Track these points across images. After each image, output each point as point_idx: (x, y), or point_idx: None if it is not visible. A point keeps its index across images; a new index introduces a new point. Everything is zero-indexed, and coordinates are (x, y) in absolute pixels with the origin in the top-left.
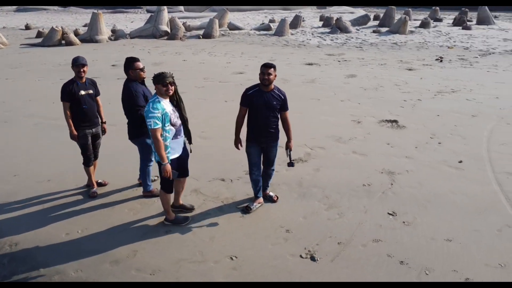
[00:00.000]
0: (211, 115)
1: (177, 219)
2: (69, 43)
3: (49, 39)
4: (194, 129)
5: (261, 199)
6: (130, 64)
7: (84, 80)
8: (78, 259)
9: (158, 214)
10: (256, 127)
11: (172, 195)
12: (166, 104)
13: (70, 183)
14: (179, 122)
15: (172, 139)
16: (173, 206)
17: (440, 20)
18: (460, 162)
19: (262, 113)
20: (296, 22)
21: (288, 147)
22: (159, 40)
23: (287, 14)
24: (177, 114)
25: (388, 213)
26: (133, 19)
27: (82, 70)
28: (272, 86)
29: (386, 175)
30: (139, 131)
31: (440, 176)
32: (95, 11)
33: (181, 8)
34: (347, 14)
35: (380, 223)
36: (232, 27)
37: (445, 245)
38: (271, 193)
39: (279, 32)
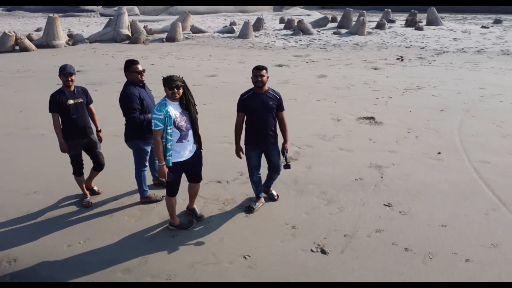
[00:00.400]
0: None
1: (182, 224)
2: (24, 49)
3: (1, 45)
4: None
5: (262, 199)
6: (129, 66)
7: (72, 88)
8: (87, 271)
9: (160, 219)
10: (255, 130)
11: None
12: (172, 107)
13: (59, 194)
14: (186, 126)
15: (177, 142)
16: (187, 207)
17: (393, 21)
18: (439, 153)
19: (260, 115)
20: (258, 25)
21: (284, 148)
22: (120, 44)
23: (245, 16)
24: (185, 118)
25: (384, 204)
26: (88, 23)
27: (70, 79)
28: (266, 88)
29: (374, 169)
30: (133, 133)
31: (424, 167)
32: (51, 15)
33: (137, 11)
34: (304, 16)
35: (378, 214)
36: (195, 30)
37: (442, 230)
38: (273, 192)
39: (244, 35)
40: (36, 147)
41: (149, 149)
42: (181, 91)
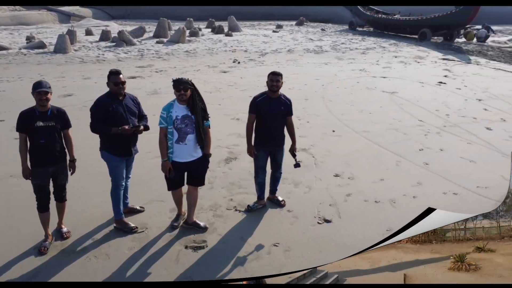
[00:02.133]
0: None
1: (176, 219)
2: None
3: None
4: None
5: (263, 201)
6: (109, 75)
7: (46, 109)
8: None
9: (164, 240)
10: (264, 132)
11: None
12: (177, 109)
13: (7, 255)
14: (185, 129)
15: (175, 142)
16: (186, 223)
17: (200, 29)
18: (334, 131)
19: (270, 119)
20: (71, 38)
21: (293, 150)
22: None
23: (33, 29)
24: (188, 121)
25: (334, 176)
26: None
27: (44, 98)
28: (279, 93)
29: (303, 152)
30: (101, 144)
31: (333, 143)
32: None
33: None
34: (102, 27)
35: (337, 183)
36: None
37: (384, 183)
38: (279, 197)
39: (62, 49)
40: None
41: (121, 166)
42: (188, 93)
